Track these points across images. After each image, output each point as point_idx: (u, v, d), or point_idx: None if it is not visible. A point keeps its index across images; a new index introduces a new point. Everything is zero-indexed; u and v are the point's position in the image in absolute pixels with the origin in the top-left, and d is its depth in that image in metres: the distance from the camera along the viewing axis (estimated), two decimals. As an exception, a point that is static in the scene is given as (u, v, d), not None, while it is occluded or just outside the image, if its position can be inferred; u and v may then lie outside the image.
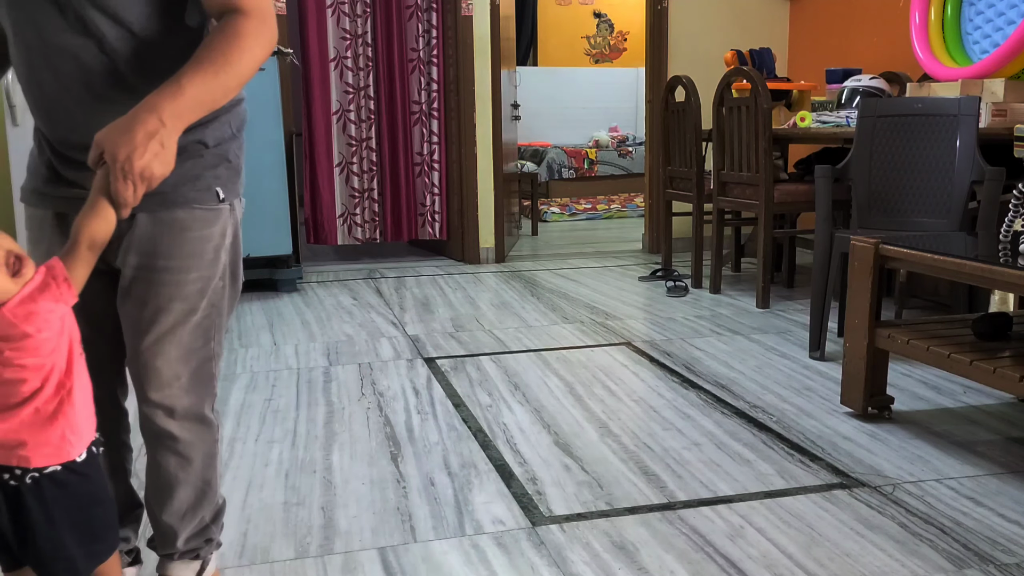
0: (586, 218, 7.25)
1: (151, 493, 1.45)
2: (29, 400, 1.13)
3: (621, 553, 1.70)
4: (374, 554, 1.71)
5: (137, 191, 1.14)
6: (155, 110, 1.13)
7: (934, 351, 2.18)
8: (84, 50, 1.23)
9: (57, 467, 1.16)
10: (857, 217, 3.05)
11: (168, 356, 1.35)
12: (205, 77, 1.17)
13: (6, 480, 1.15)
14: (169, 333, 1.34)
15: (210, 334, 1.40)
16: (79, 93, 1.26)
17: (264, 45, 1.23)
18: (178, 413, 1.38)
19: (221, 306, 1.41)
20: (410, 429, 2.38)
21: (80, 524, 1.20)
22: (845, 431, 2.33)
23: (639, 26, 8.03)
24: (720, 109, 3.95)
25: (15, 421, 1.13)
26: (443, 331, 3.46)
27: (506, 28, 5.14)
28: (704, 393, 2.66)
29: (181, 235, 1.32)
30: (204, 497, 1.47)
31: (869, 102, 3.13)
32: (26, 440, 1.14)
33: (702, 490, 1.98)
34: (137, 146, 1.11)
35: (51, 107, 1.30)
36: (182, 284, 1.34)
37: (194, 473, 1.44)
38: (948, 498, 1.92)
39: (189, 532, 1.47)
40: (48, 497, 1.16)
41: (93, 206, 1.14)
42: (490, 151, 4.94)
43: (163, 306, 1.33)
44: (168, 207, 1.31)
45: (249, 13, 1.22)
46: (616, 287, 4.31)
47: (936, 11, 3.49)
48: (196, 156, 1.32)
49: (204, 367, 1.40)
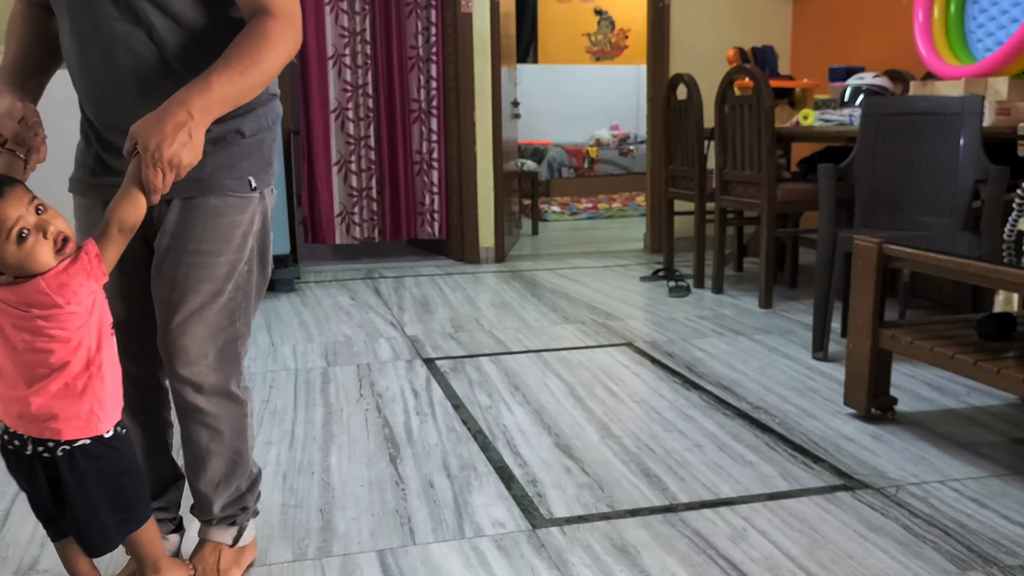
0: (587, 217, 7.23)
1: (187, 464, 1.55)
2: (58, 372, 1.22)
3: (622, 555, 1.68)
4: (373, 556, 1.69)
5: (166, 179, 1.23)
6: (184, 103, 1.22)
7: (938, 352, 2.16)
8: (134, 38, 1.32)
9: (87, 440, 1.27)
10: (860, 216, 3.03)
11: (195, 335, 1.43)
12: (232, 74, 1.26)
13: (41, 452, 1.25)
14: (197, 313, 1.43)
15: (236, 315, 1.48)
16: (128, 80, 1.35)
17: (289, 45, 1.32)
18: (205, 389, 1.47)
19: (248, 289, 1.49)
20: (409, 430, 2.36)
21: (111, 494, 1.31)
22: (848, 432, 2.31)
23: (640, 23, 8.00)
24: (722, 107, 3.93)
25: (46, 394, 1.23)
26: (442, 331, 3.44)
27: (506, 25, 5.12)
28: (706, 394, 2.64)
29: (213, 220, 1.41)
30: (236, 467, 1.56)
31: (872, 100, 3.11)
32: (57, 413, 1.23)
33: (704, 492, 1.96)
34: (167, 136, 1.20)
35: (101, 94, 1.38)
36: (211, 267, 1.42)
37: (225, 445, 1.53)
38: (952, 500, 1.91)
39: (224, 500, 1.57)
40: (81, 468, 1.26)
41: (125, 192, 1.23)
42: (490, 150, 4.92)
43: (192, 287, 1.41)
44: (203, 193, 1.40)
45: (277, 15, 1.31)
46: (617, 287, 4.29)
47: (940, 9, 3.47)
48: (232, 145, 1.41)
49: (230, 346, 1.48)
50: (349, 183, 4.93)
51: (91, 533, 1.33)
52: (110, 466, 1.31)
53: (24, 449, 1.26)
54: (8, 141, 1.35)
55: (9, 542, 1.77)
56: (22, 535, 1.80)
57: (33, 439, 1.26)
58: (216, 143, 1.35)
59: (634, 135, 8.24)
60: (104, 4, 1.31)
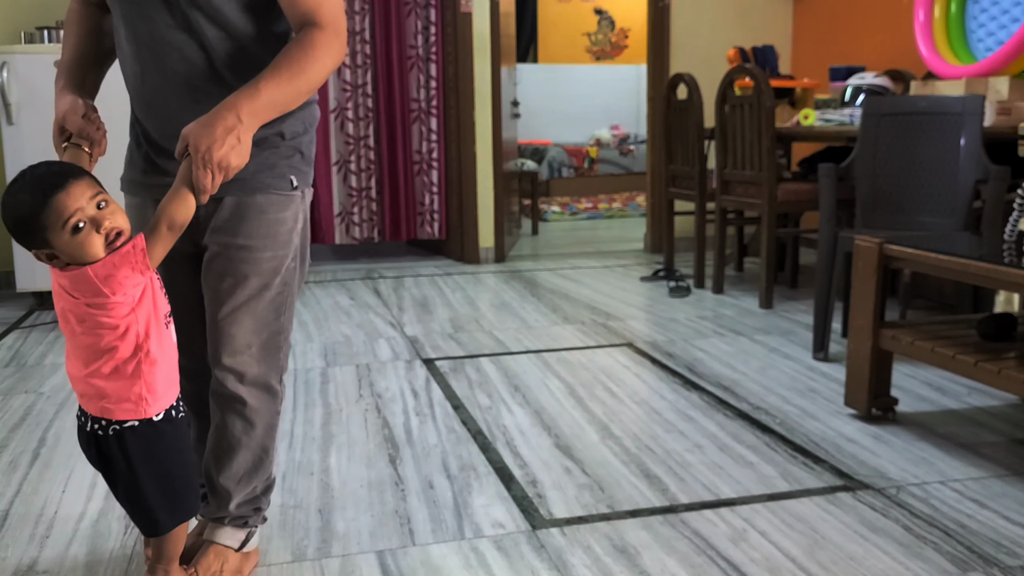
0: (587, 217, 7.22)
1: (212, 457, 1.57)
2: (108, 355, 1.30)
3: (622, 556, 1.68)
4: (372, 557, 1.69)
5: (215, 180, 1.28)
6: (234, 108, 1.28)
7: (938, 352, 2.16)
8: (187, 46, 1.39)
9: (135, 422, 1.34)
10: (861, 216, 3.03)
11: (242, 325, 1.50)
12: (280, 82, 1.33)
13: (95, 429, 1.34)
14: (244, 305, 1.49)
15: (281, 309, 1.54)
16: (180, 85, 1.42)
17: (335, 56, 1.39)
18: (247, 379, 1.52)
19: (292, 285, 1.56)
20: (409, 431, 2.36)
21: (158, 479, 1.37)
22: (849, 433, 2.31)
23: (640, 23, 7.99)
24: (723, 107, 3.92)
25: (100, 376, 1.31)
26: (442, 332, 3.44)
27: (506, 25, 5.11)
28: (706, 395, 2.64)
29: (259, 217, 1.48)
30: (260, 465, 1.59)
31: (873, 100, 3.11)
32: (109, 394, 1.32)
33: (704, 493, 1.96)
34: (216, 139, 1.26)
35: (153, 98, 1.45)
36: (258, 261, 1.49)
37: (255, 439, 1.57)
38: (952, 500, 1.90)
39: (241, 498, 1.59)
40: (129, 448, 1.34)
41: (176, 192, 1.29)
42: (490, 149, 4.91)
43: (240, 280, 1.49)
44: (249, 192, 1.46)
45: (325, 27, 1.37)
46: (617, 287, 4.28)
47: (940, 8, 3.47)
48: (274, 147, 1.48)
49: (273, 339, 1.54)
50: (348, 183, 4.92)
51: (137, 514, 1.41)
52: (158, 449, 1.37)
53: (87, 425, 1.36)
54: (73, 135, 1.42)
55: (9, 542, 1.76)
56: (22, 535, 1.79)
57: (92, 416, 1.35)
58: (259, 145, 1.41)
59: (634, 135, 8.23)
60: (160, 13, 1.38)
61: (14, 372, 2.94)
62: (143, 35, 1.41)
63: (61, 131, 1.44)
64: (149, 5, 1.38)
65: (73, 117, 1.42)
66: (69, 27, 1.54)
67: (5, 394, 2.71)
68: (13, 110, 3.65)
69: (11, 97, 3.64)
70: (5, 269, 4.17)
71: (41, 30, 3.81)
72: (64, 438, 2.33)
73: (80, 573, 1.64)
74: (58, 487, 2.03)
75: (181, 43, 1.39)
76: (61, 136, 1.44)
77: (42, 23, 4.02)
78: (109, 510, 1.90)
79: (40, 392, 2.71)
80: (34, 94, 3.68)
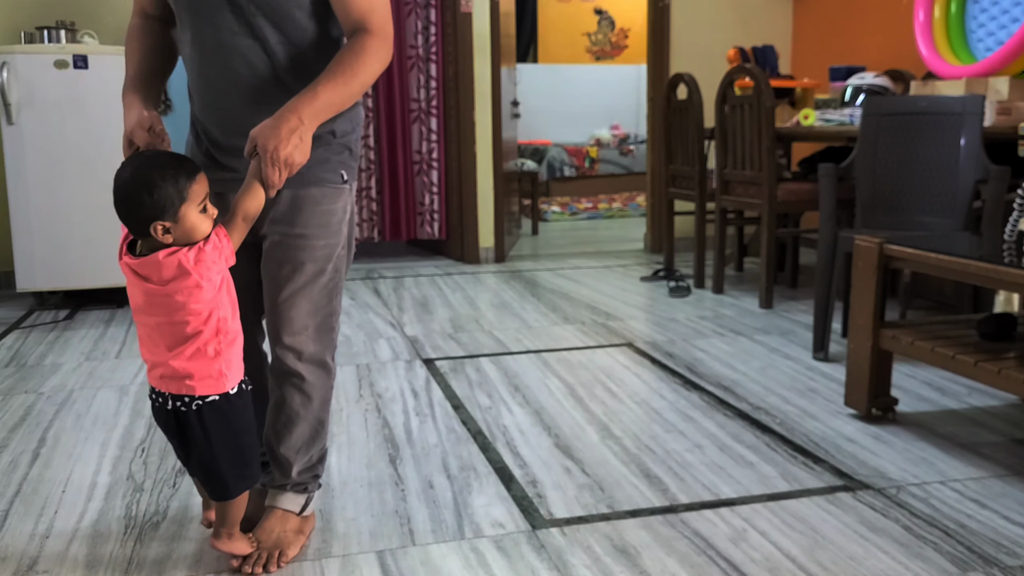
0: (587, 217, 7.22)
1: (273, 430, 1.70)
2: (193, 339, 1.43)
3: (622, 556, 1.68)
4: (372, 557, 1.69)
5: (282, 175, 1.42)
6: (296, 111, 1.42)
7: (938, 352, 2.16)
8: (251, 50, 1.52)
9: (216, 396, 1.48)
10: (861, 216, 3.03)
11: (300, 308, 1.63)
12: (336, 85, 1.46)
13: (177, 407, 1.47)
14: (301, 289, 1.63)
15: (333, 293, 1.68)
16: (243, 87, 1.54)
17: (383, 61, 1.53)
18: (305, 356, 1.66)
19: (342, 270, 1.69)
20: (409, 431, 2.36)
21: (232, 449, 1.52)
22: (849, 433, 2.31)
23: (640, 23, 7.99)
24: (723, 107, 3.92)
25: (183, 357, 1.44)
26: (442, 332, 3.44)
27: (506, 25, 5.11)
28: (706, 395, 2.64)
29: (314, 208, 1.61)
30: (317, 435, 1.73)
31: (873, 100, 3.11)
32: (193, 372, 1.45)
33: (704, 493, 1.96)
34: (282, 140, 1.40)
35: (217, 99, 1.57)
36: (313, 249, 1.62)
37: (312, 412, 1.70)
38: (952, 500, 1.90)
39: (301, 466, 1.72)
40: (207, 422, 1.48)
41: (248, 187, 1.44)
42: (490, 149, 4.91)
43: (297, 267, 1.62)
44: (304, 185, 1.59)
45: (375, 33, 1.51)
46: (617, 287, 4.28)
47: (940, 9, 3.47)
48: (327, 144, 1.60)
49: (327, 321, 1.68)
50: (349, 183, 4.92)
51: (212, 480, 1.55)
52: (232, 421, 1.51)
53: (166, 404, 1.48)
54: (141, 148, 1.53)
55: (9, 542, 1.76)
56: (22, 535, 1.79)
57: (172, 395, 1.47)
58: (313, 142, 1.51)
59: (634, 135, 8.23)
60: (226, 20, 1.51)
61: (14, 372, 2.94)
62: (209, 42, 1.53)
63: (130, 144, 1.54)
64: (216, 13, 1.51)
65: (140, 132, 1.52)
66: (132, 42, 1.65)
67: (5, 394, 2.71)
68: (13, 110, 3.65)
69: (11, 97, 3.64)
70: (5, 269, 4.17)
71: (41, 30, 3.81)
72: (64, 438, 2.33)
73: (80, 573, 1.64)
74: (58, 487, 2.03)
75: (245, 48, 1.52)
76: (130, 149, 1.54)
77: (42, 23, 4.02)
78: (109, 510, 1.90)
79: (40, 392, 2.72)
80: (34, 94, 3.68)
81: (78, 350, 3.21)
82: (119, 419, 2.46)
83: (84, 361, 3.06)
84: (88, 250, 3.83)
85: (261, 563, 1.63)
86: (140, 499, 1.95)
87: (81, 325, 3.60)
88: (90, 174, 3.79)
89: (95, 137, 3.78)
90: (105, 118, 3.78)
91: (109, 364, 3.02)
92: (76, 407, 2.56)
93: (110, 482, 2.05)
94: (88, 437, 2.33)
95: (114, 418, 2.47)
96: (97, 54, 3.77)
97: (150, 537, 1.77)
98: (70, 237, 3.80)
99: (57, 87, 3.71)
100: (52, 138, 3.73)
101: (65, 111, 3.73)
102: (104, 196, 4.20)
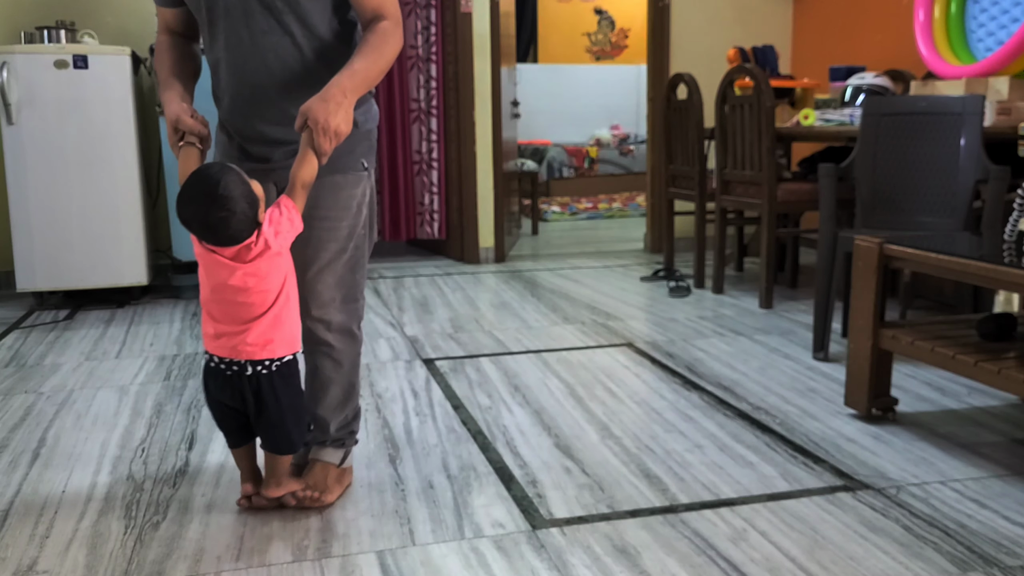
0: (587, 217, 7.22)
1: (311, 394, 1.91)
2: (272, 307, 1.65)
3: (622, 556, 1.68)
4: (372, 557, 1.69)
5: (331, 143, 1.61)
6: (339, 86, 1.61)
7: (938, 352, 2.16)
8: (281, 46, 1.71)
9: (289, 356, 1.70)
10: (861, 216, 3.03)
11: (326, 283, 1.83)
12: (368, 63, 1.67)
13: (258, 371, 1.67)
14: (327, 266, 1.82)
15: (356, 268, 1.87)
16: (276, 77, 1.73)
17: (399, 42, 1.74)
18: (333, 327, 1.86)
19: (363, 248, 1.89)
20: (408, 431, 2.36)
21: (294, 407, 1.73)
22: (849, 433, 2.31)
23: (640, 23, 8.00)
24: (723, 107, 3.92)
25: (264, 325, 1.65)
26: (442, 332, 3.44)
27: (506, 25, 5.11)
28: (706, 395, 2.64)
29: (337, 193, 1.80)
30: (349, 396, 1.95)
31: (873, 100, 3.11)
32: (273, 338, 1.66)
33: (704, 493, 1.96)
34: (331, 112, 1.59)
35: (251, 92, 1.75)
36: (337, 230, 1.82)
37: (343, 375, 1.92)
38: (952, 500, 1.90)
39: (337, 424, 1.94)
40: (276, 385, 1.69)
41: (303, 157, 1.62)
42: (490, 149, 4.91)
43: (322, 246, 1.81)
44: (329, 173, 1.77)
45: (391, 18, 1.73)
46: (617, 287, 4.28)
47: (940, 8, 3.47)
48: (349, 135, 1.71)
49: (351, 293, 1.88)
50: (349, 183, 4.92)
51: (278, 437, 1.75)
52: (294, 384, 1.73)
53: (244, 372, 1.67)
54: (186, 134, 1.71)
55: (9, 542, 1.76)
56: (22, 535, 1.79)
57: (251, 361, 1.66)
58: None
59: (634, 135, 8.23)
60: (257, 21, 1.69)
61: (14, 372, 2.94)
62: (245, 41, 1.71)
63: (175, 131, 1.72)
64: (249, 15, 1.69)
65: (185, 118, 1.71)
66: (162, 53, 1.84)
67: (5, 394, 2.71)
68: (13, 110, 3.65)
69: (11, 97, 3.64)
70: (5, 269, 4.17)
71: (41, 30, 3.81)
72: (64, 438, 2.33)
73: (80, 573, 1.64)
74: (58, 487, 2.03)
75: (276, 45, 1.71)
76: (176, 135, 1.72)
77: (42, 23, 4.02)
78: (109, 510, 1.90)
79: (40, 392, 2.72)
80: (34, 94, 3.68)
81: (78, 350, 3.21)
82: (119, 419, 2.46)
83: (84, 361, 3.06)
84: (88, 250, 3.83)
85: (303, 503, 1.85)
86: (140, 499, 1.95)
87: (81, 325, 3.60)
88: (90, 174, 3.79)
89: (95, 137, 3.78)
90: (105, 118, 3.78)
91: (109, 364, 3.02)
92: (76, 407, 2.56)
93: (110, 482, 2.05)
94: (88, 437, 2.33)
95: (114, 418, 2.47)
96: (97, 54, 3.77)
97: (150, 537, 1.77)
98: (70, 237, 3.80)
99: (57, 87, 3.71)
100: (52, 138, 3.73)
101: (65, 111, 3.73)
102: (104, 196, 4.21)
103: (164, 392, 2.71)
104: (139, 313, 3.82)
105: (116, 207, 3.85)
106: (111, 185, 3.83)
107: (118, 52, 3.81)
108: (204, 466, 2.13)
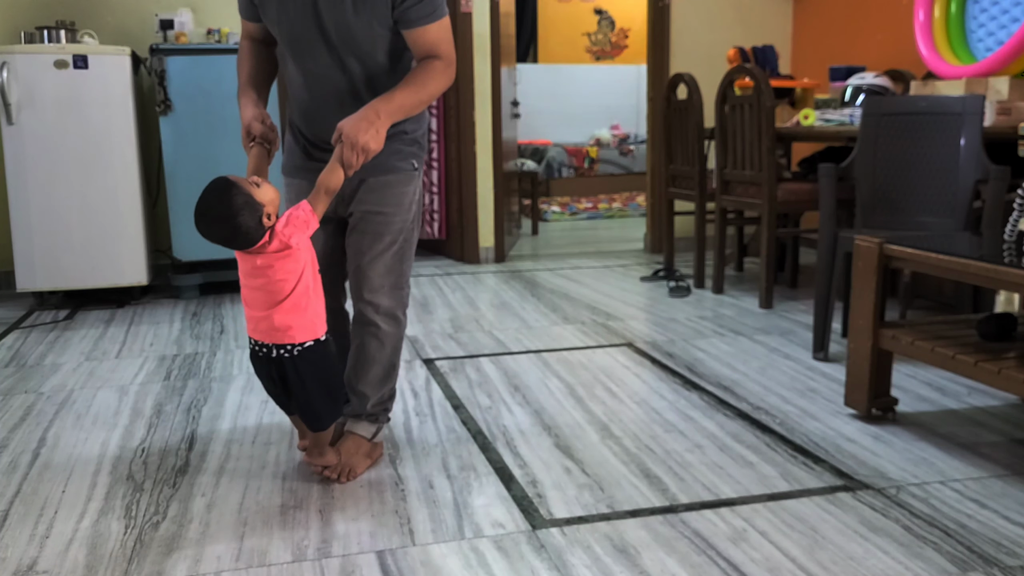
0: (587, 217, 7.22)
1: (354, 370, 2.10)
2: (290, 295, 1.77)
3: (622, 556, 1.68)
4: (372, 557, 1.69)
5: (359, 159, 1.78)
6: (375, 108, 1.80)
7: (939, 352, 2.16)
8: (339, 79, 1.93)
9: (311, 342, 1.83)
10: (861, 216, 3.03)
11: (378, 270, 2.03)
12: (408, 93, 1.86)
13: (281, 355, 1.82)
14: (379, 255, 2.02)
15: (404, 258, 2.07)
16: (333, 103, 1.94)
17: (447, 81, 1.93)
18: (381, 310, 2.05)
19: (411, 240, 2.08)
20: (408, 431, 2.36)
21: (323, 388, 1.87)
22: (849, 433, 2.31)
23: (640, 23, 8.00)
24: (723, 107, 3.92)
25: (283, 311, 1.78)
26: (442, 332, 3.44)
27: (506, 25, 5.11)
28: (706, 395, 2.64)
29: (391, 191, 2.01)
30: (388, 376, 2.13)
31: (873, 100, 3.11)
32: (292, 324, 1.79)
33: (704, 493, 1.96)
34: (362, 130, 1.77)
35: (315, 111, 1.99)
36: (390, 223, 2.02)
37: (385, 355, 2.09)
38: (952, 500, 1.90)
39: (375, 400, 2.11)
40: (301, 367, 1.83)
41: (331, 167, 1.79)
42: (490, 149, 4.91)
43: (377, 237, 2.01)
44: (384, 173, 1.99)
45: (443, 58, 1.92)
46: (617, 287, 4.28)
47: (940, 9, 3.47)
48: (401, 140, 1.99)
49: (398, 281, 2.07)
50: (349, 183, 4.92)
51: (308, 415, 1.91)
52: (322, 365, 1.86)
53: (271, 354, 1.82)
54: (257, 137, 1.91)
55: (9, 542, 1.76)
56: (22, 535, 1.79)
57: (276, 345, 1.81)
58: (391, 139, 1.92)
59: (634, 135, 8.23)
60: (322, 56, 1.90)
61: (14, 372, 2.94)
62: (311, 70, 1.93)
63: (248, 134, 1.92)
64: (314, 52, 1.90)
65: (257, 124, 1.92)
66: (243, 58, 2.05)
67: (5, 394, 2.71)
68: (13, 110, 3.65)
69: (11, 97, 3.64)
70: (5, 269, 4.17)
71: (41, 30, 3.81)
72: (64, 438, 2.33)
73: (80, 573, 1.64)
74: (58, 487, 2.03)
75: (335, 77, 1.92)
76: (248, 138, 1.92)
77: (42, 23, 4.02)
78: (109, 510, 1.90)
79: (40, 392, 2.72)
80: (34, 94, 3.68)
81: (78, 350, 3.21)
82: (119, 419, 2.46)
83: (84, 361, 3.06)
84: (88, 250, 3.83)
85: (335, 473, 2.01)
86: (140, 499, 1.95)
87: (81, 325, 3.60)
88: (90, 174, 3.79)
89: (95, 137, 3.78)
90: (105, 118, 3.78)
91: (109, 364, 3.02)
92: (76, 407, 2.56)
93: (110, 482, 2.05)
94: (88, 437, 2.33)
95: (114, 418, 2.47)
96: (97, 54, 3.77)
97: (150, 537, 1.77)
98: (70, 237, 3.80)
99: (57, 87, 3.71)
100: (52, 138, 3.73)
101: (65, 111, 3.73)
102: (104, 196, 4.21)
103: (164, 392, 2.71)
104: (139, 313, 3.82)
105: (116, 207, 3.85)
106: (111, 185, 3.83)
107: (118, 52, 3.81)
108: (204, 466, 2.14)
